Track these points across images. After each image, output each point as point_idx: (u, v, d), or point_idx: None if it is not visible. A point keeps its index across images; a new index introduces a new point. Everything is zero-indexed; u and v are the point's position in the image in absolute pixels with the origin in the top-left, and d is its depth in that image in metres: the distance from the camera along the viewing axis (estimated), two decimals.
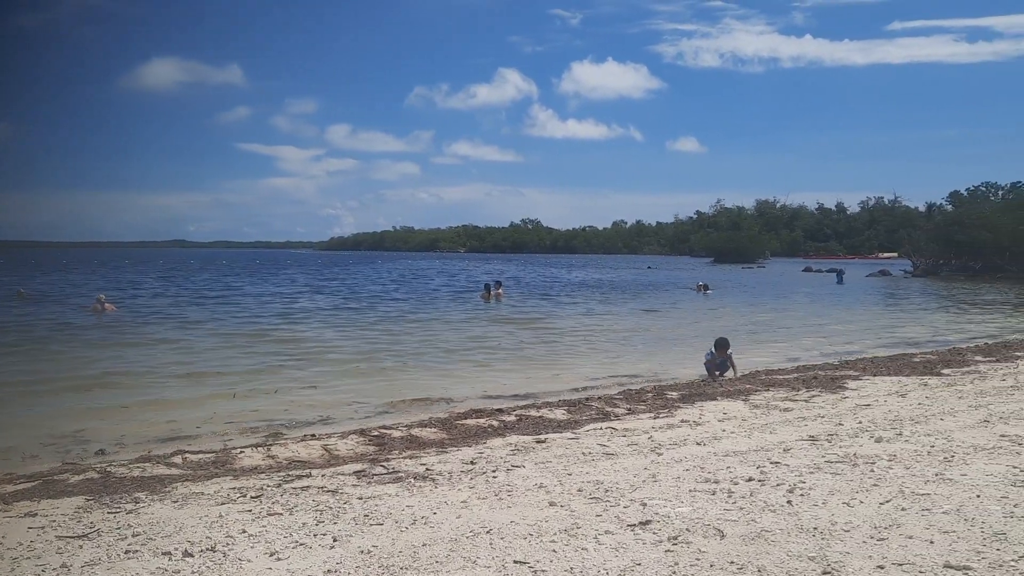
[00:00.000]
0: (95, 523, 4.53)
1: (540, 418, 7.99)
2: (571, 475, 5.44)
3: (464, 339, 16.80)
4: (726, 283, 44.19)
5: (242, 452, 6.64)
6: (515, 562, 3.77)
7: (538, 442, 6.72)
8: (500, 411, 8.45)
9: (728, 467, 5.57)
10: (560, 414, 8.18)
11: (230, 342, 15.90)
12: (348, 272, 59.84)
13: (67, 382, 11.11)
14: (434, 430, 7.49)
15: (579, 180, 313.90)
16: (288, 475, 5.73)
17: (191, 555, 3.93)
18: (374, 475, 5.63)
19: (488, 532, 4.21)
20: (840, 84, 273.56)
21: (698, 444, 6.44)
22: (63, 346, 14.97)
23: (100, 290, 28.07)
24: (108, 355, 13.79)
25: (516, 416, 8.09)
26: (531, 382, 11.38)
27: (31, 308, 23.59)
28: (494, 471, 5.62)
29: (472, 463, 5.92)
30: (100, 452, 7.23)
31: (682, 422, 7.49)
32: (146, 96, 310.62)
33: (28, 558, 3.96)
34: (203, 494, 5.18)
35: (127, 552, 4.01)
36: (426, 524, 4.38)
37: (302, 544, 4.08)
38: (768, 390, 9.43)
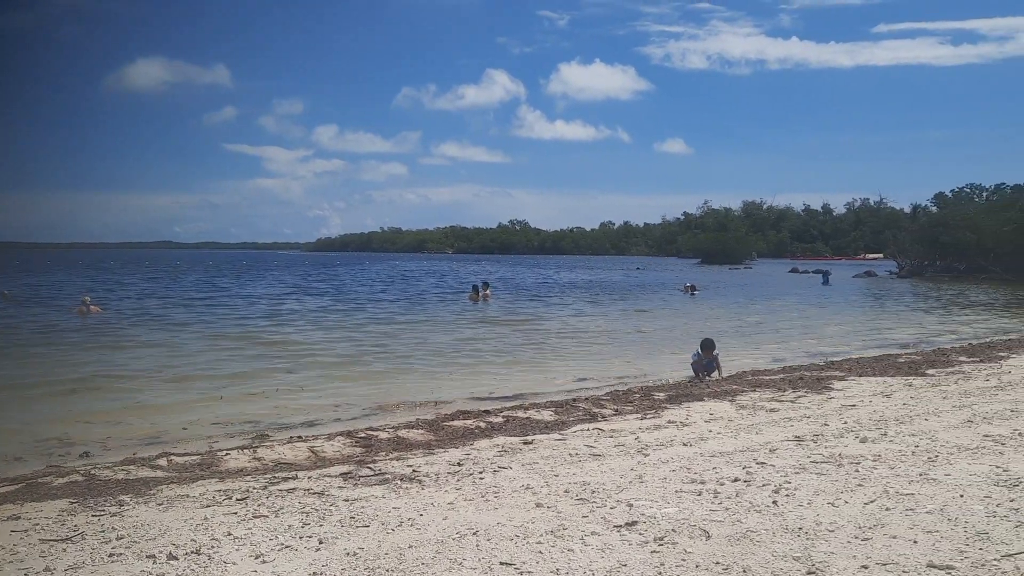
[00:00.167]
0: (79, 526, 4.50)
1: (527, 419, 7.99)
2: (558, 476, 5.45)
3: (452, 340, 16.78)
4: (713, 284, 44.38)
5: (228, 454, 6.61)
6: (501, 563, 3.78)
7: (525, 443, 6.73)
8: (487, 412, 8.45)
9: (714, 468, 5.59)
10: (547, 415, 8.18)
11: (217, 344, 15.82)
12: (335, 273, 59.64)
13: (52, 385, 11.00)
14: (421, 431, 7.48)
15: (567, 181, 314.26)
16: (274, 477, 5.71)
17: (175, 558, 3.91)
18: (360, 477, 5.62)
19: (475, 533, 4.22)
20: (826, 86, 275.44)
21: (684, 445, 6.46)
22: (48, 348, 14.84)
23: (86, 291, 27.88)
24: (93, 357, 13.68)
25: (503, 417, 8.09)
26: (519, 383, 11.38)
27: (14, 310, 23.39)
28: (481, 472, 5.62)
29: (459, 464, 5.91)
30: (85, 455, 7.17)
31: (669, 423, 7.51)
32: (132, 96, 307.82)
33: (11, 562, 3.93)
34: (188, 496, 5.15)
35: (111, 555, 3.98)
36: (412, 526, 4.38)
37: (288, 546, 4.07)
38: (754, 391, 9.47)
